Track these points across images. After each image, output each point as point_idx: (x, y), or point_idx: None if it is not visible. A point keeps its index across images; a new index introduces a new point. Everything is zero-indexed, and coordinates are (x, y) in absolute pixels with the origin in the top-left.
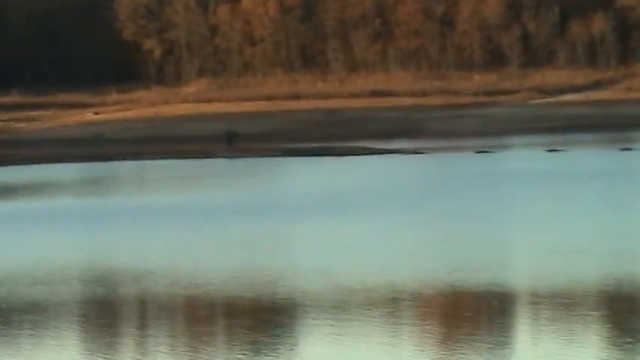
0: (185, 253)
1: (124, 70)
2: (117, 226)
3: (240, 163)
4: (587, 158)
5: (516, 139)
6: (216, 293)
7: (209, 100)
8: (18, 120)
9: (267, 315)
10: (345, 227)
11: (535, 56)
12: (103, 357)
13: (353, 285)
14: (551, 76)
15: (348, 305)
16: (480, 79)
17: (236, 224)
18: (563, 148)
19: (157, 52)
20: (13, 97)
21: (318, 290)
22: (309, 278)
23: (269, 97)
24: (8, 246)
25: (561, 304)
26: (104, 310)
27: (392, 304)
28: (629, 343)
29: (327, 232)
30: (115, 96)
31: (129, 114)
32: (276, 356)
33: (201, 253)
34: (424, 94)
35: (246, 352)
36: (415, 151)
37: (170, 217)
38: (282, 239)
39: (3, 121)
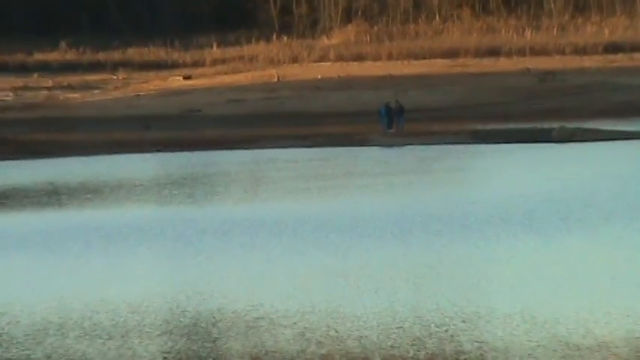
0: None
1: (228, 12)
2: (216, 251)
3: (407, 153)
4: None
5: None
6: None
7: (359, 58)
8: (69, 88)
9: None
10: (578, 254)
11: None
12: None
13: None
14: None
15: None
16: None
17: (418, 248)
18: None
19: None
20: (63, 54)
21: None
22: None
23: (451, 54)
24: (61, 277)
25: None
26: None
27: None
28: None
29: (550, 260)
30: (215, 51)
31: (237, 78)
32: None
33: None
34: None
35: None
36: None
37: (302, 237)
38: (485, 270)
39: (47, 88)
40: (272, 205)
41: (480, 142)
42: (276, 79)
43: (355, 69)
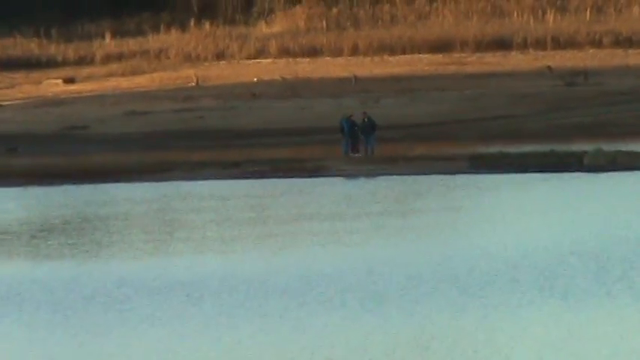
0: None
1: None
2: (108, 326)
3: (380, 186)
4: None
5: None
6: None
7: (312, 53)
8: None
9: None
10: (618, 329)
11: None
12: None
13: None
14: None
15: None
16: None
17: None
18: None
19: None
20: None
21: None
22: None
23: (441, 46)
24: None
25: None
26: None
27: None
28: None
29: (579, 336)
30: (108, 44)
31: (139, 82)
32: None
33: None
34: None
35: None
36: None
37: (231, 306)
38: (488, 350)
39: None
40: (188, 261)
41: (482, 172)
42: (194, 83)
43: (306, 68)
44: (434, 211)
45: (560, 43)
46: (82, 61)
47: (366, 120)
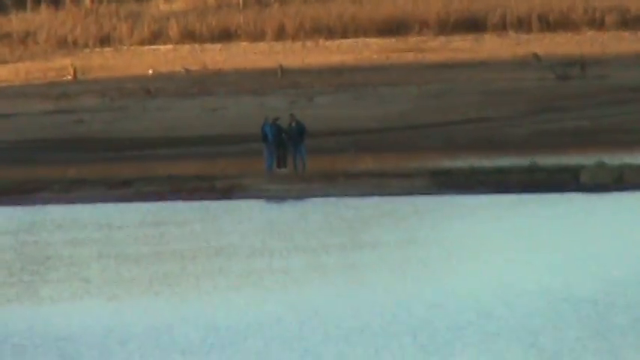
0: None
1: None
2: None
3: (314, 212)
4: None
5: None
6: None
7: (224, 36)
8: None
9: None
10: None
11: None
12: None
13: None
14: None
15: None
16: None
17: None
18: None
19: None
20: None
21: None
22: None
23: (394, 28)
24: None
25: None
26: None
27: None
28: None
29: None
30: None
31: None
32: None
33: None
34: None
35: None
36: None
37: None
38: None
39: None
40: (63, 310)
41: (447, 192)
42: (71, 76)
43: (217, 57)
44: (384, 244)
45: (549, 24)
46: None
47: (293, 124)
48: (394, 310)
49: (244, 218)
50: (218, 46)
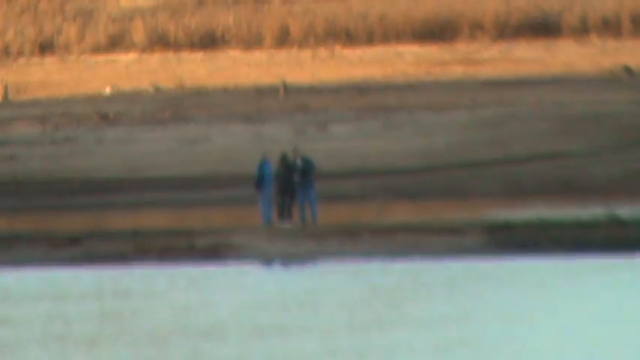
0: None
1: None
2: None
3: (327, 281)
4: None
5: None
6: None
7: (208, 42)
8: None
9: None
10: None
11: None
12: None
13: None
14: None
15: None
16: None
17: None
18: None
19: None
20: None
21: None
22: None
23: (428, 31)
24: None
25: None
26: None
27: None
28: None
29: None
30: None
31: None
32: None
33: None
34: None
35: None
36: None
37: None
38: None
39: None
40: None
41: (510, 252)
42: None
43: (198, 70)
44: (423, 322)
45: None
46: None
47: (299, 162)
48: None
49: (235, 288)
50: (199, 55)
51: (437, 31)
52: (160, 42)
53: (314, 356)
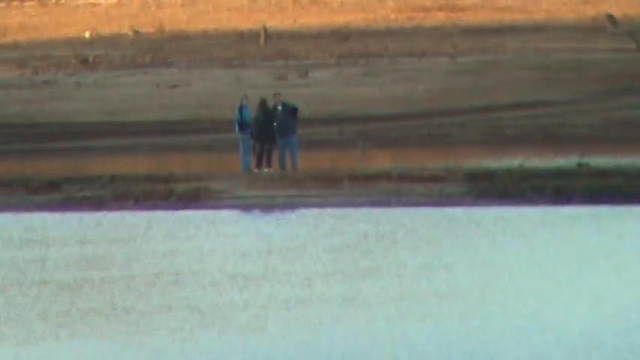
0: None
1: None
2: None
3: (309, 228)
4: None
5: None
6: None
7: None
8: None
9: None
10: None
11: None
12: None
13: None
14: None
15: None
16: None
17: None
18: None
19: None
20: None
21: None
22: None
23: None
24: None
25: None
26: None
27: None
28: None
29: None
30: None
31: None
32: None
33: None
34: None
35: None
36: None
37: None
38: None
39: None
40: None
41: (490, 202)
42: None
43: (177, 14)
44: (403, 271)
45: None
46: None
47: (280, 108)
48: None
49: (213, 235)
50: (178, 1)
51: None
52: None
53: (291, 305)
